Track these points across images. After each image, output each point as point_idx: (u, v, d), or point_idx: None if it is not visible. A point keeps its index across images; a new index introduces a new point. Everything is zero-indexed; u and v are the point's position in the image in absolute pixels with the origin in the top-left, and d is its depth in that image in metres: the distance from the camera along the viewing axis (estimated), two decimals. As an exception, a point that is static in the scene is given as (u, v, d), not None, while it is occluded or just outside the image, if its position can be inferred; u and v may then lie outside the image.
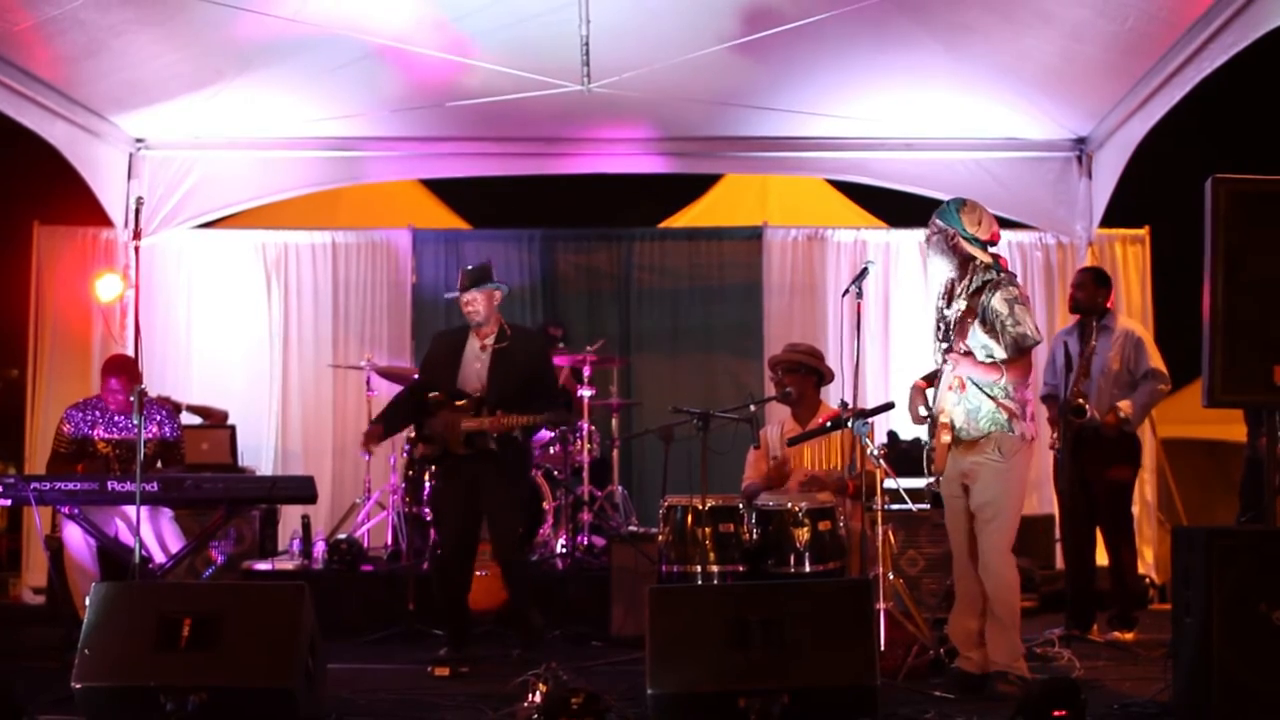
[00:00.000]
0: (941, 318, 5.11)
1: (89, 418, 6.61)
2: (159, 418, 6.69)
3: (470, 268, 6.15)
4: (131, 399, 5.87)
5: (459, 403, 5.96)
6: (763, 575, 5.66)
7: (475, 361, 6.05)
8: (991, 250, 5.03)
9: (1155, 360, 6.53)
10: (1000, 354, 4.89)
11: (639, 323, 9.56)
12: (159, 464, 6.61)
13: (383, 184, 9.76)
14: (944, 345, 5.03)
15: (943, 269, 5.11)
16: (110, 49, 7.04)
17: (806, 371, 6.35)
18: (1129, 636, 6.34)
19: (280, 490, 6.43)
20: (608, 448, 8.30)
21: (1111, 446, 6.42)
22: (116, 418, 6.61)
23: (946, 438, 4.96)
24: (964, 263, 5.01)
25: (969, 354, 4.90)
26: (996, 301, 4.89)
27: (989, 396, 4.92)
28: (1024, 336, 4.86)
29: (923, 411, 5.08)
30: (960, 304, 4.98)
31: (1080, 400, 6.32)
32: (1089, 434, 6.38)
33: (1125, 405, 6.40)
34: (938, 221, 5.05)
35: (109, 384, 6.57)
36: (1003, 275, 4.97)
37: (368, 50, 7.34)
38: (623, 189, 10.31)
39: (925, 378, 5.15)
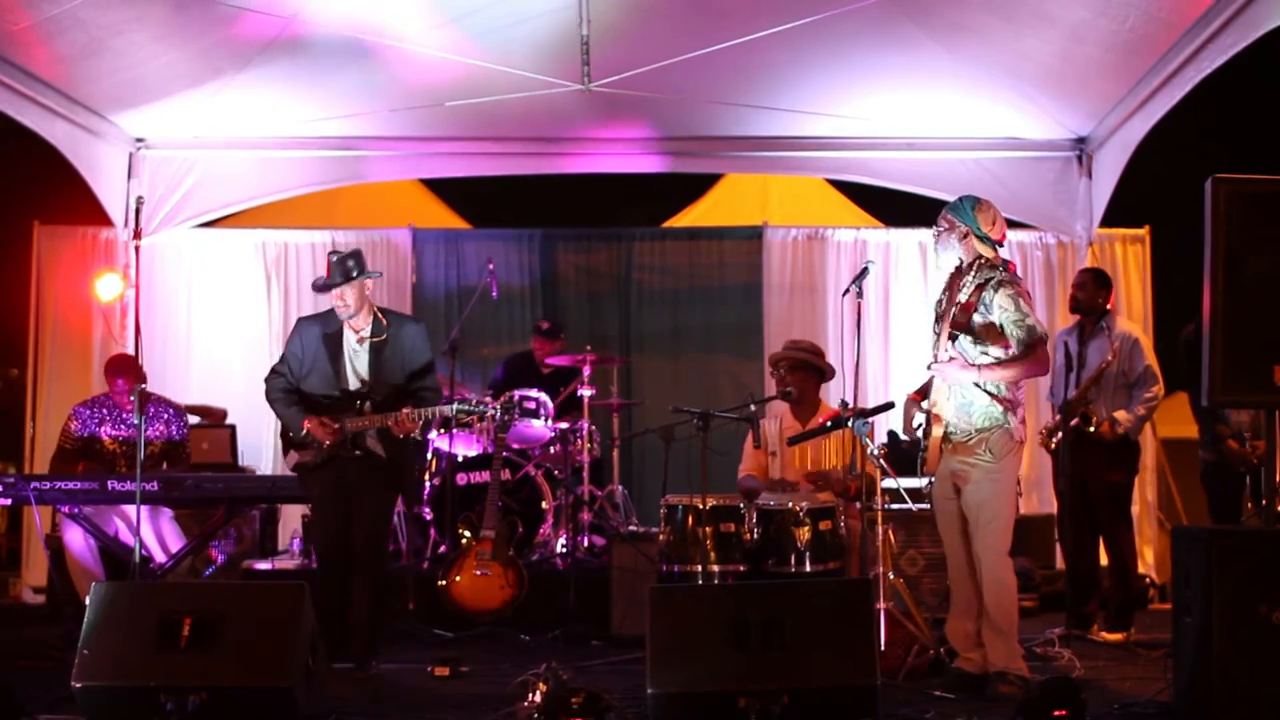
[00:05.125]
0: (942, 306, 5.12)
1: (96, 415, 6.62)
2: (166, 416, 6.70)
3: (336, 257, 5.46)
4: (137, 398, 5.86)
5: (342, 401, 5.43)
6: (763, 575, 5.67)
7: (354, 356, 5.51)
8: (998, 251, 5.07)
9: (1150, 359, 6.53)
10: (997, 353, 4.91)
11: (639, 323, 9.56)
12: (164, 464, 6.62)
13: (383, 184, 9.76)
14: (946, 335, 5.01)
15: (949, 261, 5.13)
16: (110, 48, 7.03)
17: (808, 370, 6.38)
18: (1116, 637, 6.34)
19: (280, 490, 6.45)
20: (608, 447, 8.28)
21: (1109, 449, 6.40)
22: (124, 416, 6.62)
23: (938, 430, 4.96)
24: (972, 259, 5.04)
25: (953, 359, 4.92)
26: (1001, 298, 4.92)
27: (984, 391, 4.93)
28: (1033, 329, 4.88)
29: (916, 423, 5.08)
30: (961, 297, 5.00)
31: (1088, 409, 6.32)
32: (1087, 435, 6.37)
33: (1124, 417, 6.38)
34: (950, 217, 5.07)
35: (116, 385, 6.58)
36: (1007, 275, 5.01)
37: (368, 50, 7.33)
38: (623, 189, 10.31)
39: (918, 390, 5.18)
